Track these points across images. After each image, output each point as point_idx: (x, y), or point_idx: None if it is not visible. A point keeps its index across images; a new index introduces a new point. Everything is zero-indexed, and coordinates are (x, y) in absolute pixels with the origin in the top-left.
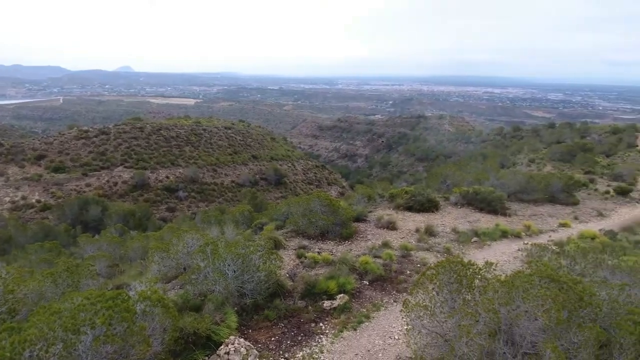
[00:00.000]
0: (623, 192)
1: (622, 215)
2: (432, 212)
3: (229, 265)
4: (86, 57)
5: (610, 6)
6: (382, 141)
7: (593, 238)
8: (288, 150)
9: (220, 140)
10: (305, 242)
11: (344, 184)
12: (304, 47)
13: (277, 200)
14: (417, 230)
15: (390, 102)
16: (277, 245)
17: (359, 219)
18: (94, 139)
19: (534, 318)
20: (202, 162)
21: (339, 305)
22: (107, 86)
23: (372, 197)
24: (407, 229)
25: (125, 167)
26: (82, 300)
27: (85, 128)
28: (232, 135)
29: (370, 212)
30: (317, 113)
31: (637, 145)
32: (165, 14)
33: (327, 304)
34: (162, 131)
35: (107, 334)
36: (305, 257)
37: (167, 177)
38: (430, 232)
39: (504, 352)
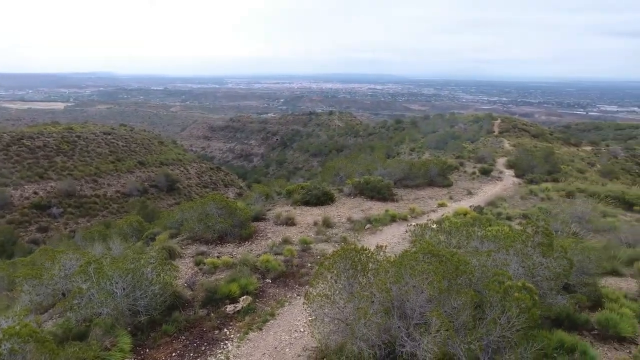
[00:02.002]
0: (486, 172)
1: (486, 192)
2: (329, 204)
3: (117, 283)
4: None
5: (467, 12)
6: (277, 139)
7: (465, 214)
8: (179, 154)
9: (99, 147)
10: (203, 248)
11: (242, 184)
12: (189, 47)
13: (170, 207)
14: (315, 224)
15: (282, 100)
16: (172, 254)
17: (258, 218)
18: None
19: (421, 291)
20: (78, 173)
21: (242, 307)
22: None
23: (270, 195)
24: (306, 223)
25: None
26: None
27: None
28: (113, 141)
29: (269, 210)
30: (208, 113)
31: (494, 131)
32: (17, 5)
33: (230, 308)
34: (24, 140)
35: None
36: (204, 263)
37: (36, 193)
38: (327, 223)
39: (398, 326)
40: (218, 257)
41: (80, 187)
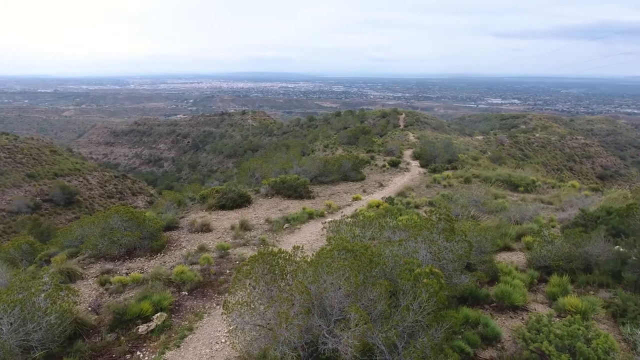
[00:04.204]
0: (394, 164)
1: (396, 183)
2: (246, 206)
3: (1, 319)
4: None
5: (369, 12)
6: (188, 141)
7: (378, 206)
8: (77, 163)
9: None
10: (109, 266)
11: (152, 191)
12: (80, 44)
13: (70, 222)
14: (233, 228)
15: (191, 101)
16: (72, 276)
17: (171, 227)
18: None
19: (338, 287)
20: None
21: (157, 325)
22: None
23: (183, 202)
24: (223, 228)
25: None
26: None
27: None
28: None
29: (182, 217)
30: (109, 117)
31: (400, 125)
32: None
33: (142, 328)
34: None
35: None
36: (111, 282)
37: None
38: (245, 226)
39: (319, 325)
40: (127, 273)
41: None
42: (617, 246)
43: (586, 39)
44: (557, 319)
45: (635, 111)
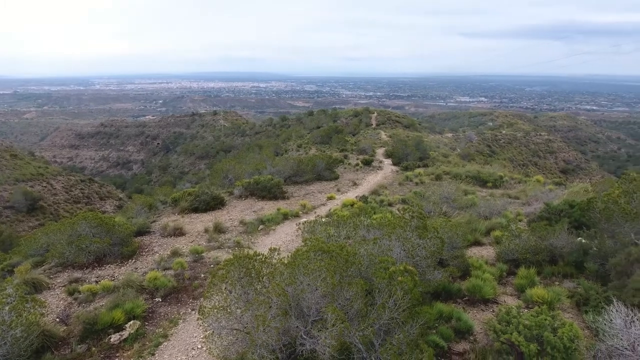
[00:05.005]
0: (367, 163)
1: (369, 181)
2: (219, 209)
3: None
4: None
5: (339, 12)
6: (158, 143)
7: (352, 205)
8: (39, 167)
9: None
10: (78, 274)
11: (121, 195)
12: (40, 43)
13: (33, 230)
14: (206, 230)
15: (161, 102)
16: (38, 287)
17: (142, 232)
18: None
19: (315, 288)
20: None
21: (130, 334)
22: None
23: (154, 205)
24: (196, 231)
25: None
26: None
27: None
28: None
29: (154, 221)
30: (73, 119)
31: (372, 124)
32: None
33: (115, 337)
34: None
35: None
36: (80, 292)
37: None
38: (219, 229)
39: (297, 326)
40: (96, 282)
41: None
42: (580, 238)
43: (550, 39)
44: (526, 310)
45: (594, 108)
